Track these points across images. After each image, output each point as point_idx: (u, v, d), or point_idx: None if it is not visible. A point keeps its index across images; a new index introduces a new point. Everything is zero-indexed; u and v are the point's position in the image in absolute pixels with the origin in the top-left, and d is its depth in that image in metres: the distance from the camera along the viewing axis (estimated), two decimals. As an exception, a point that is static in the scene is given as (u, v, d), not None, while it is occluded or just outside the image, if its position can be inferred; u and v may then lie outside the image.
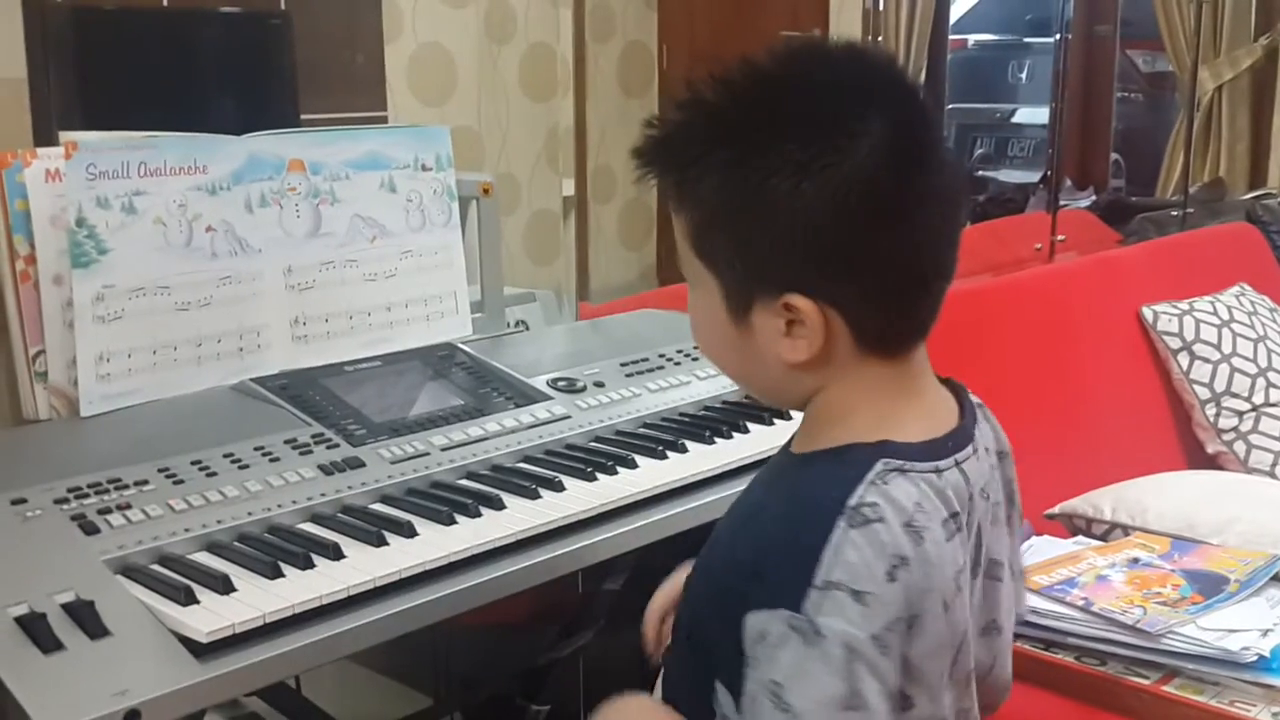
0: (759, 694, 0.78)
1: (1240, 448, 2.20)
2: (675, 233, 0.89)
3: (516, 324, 1.69)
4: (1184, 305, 2.29)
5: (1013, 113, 5.48)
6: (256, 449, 1.18)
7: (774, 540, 0.80)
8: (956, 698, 0.88)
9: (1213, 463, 2.21)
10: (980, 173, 5.27)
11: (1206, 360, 2.23)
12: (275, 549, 1.05)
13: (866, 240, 0.81)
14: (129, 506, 1.07)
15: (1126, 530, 1.79)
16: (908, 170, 0.81)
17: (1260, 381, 2.24)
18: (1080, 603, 1.48)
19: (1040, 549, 1.68)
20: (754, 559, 0.81)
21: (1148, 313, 2.27)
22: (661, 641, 1.04)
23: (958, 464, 0.86)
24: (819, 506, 0.79)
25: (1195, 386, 2.23)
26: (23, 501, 1.04)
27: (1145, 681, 1.40)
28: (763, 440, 1.37)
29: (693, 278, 0.90)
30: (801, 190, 0.79)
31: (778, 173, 0.80)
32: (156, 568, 1.02)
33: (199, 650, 0.92)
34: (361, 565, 1.04)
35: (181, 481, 1.12)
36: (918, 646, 0.81)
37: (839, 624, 0.76)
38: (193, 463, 1.14)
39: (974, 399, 0.95)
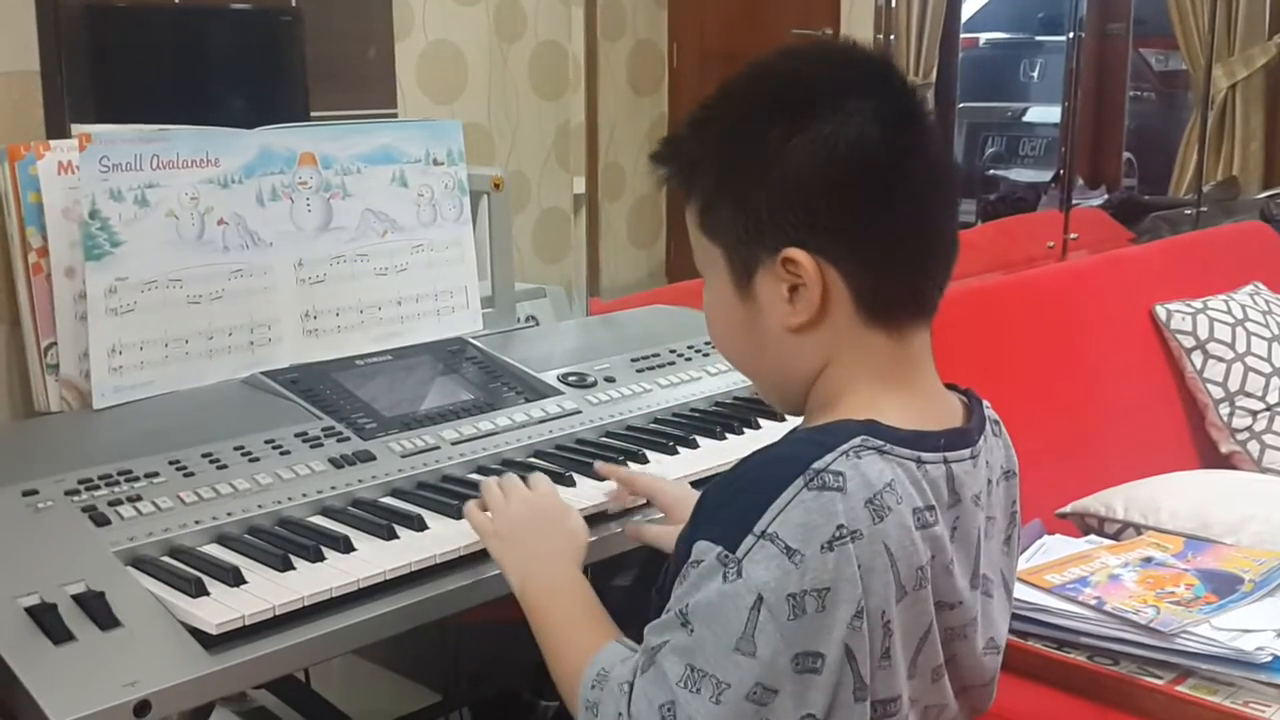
0: (675, 610, 0.83)
1: (1254, 447, 2.19)
2: (688, 226, 0.93)
3: (527, 319, 1.69)
4: (1198, 304, 2.28)
5: (1024, 111, 5.46)
6: (267, 442, 1.18)
7: (739, 485, 0.84)
8: (921, 690, 0.89)
9: (1226, 462, 2.20)
10: (992, 171, 5.25)
11: (1220, 359, 2.22)
12: (285, 542, 1.05)
13: (856, 195, 0.85)
14: (140, 498, 1.07)
15: (1139, 529, 1.78)
16: (893, 135, 0.86)
17: (1275, 381, 2.23)
18: (1093, 602, 1.47)
19: (1052, 548, 1.68)
20: (719, 498, 0.85)
21: (1161, 311, 2.26)
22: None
23: (946, 462, 0.87)
24: (787, 463, 0.82)
25: (1209, 386, 2.22)
26: (34, 493, 1.04)
27: (1158, 681, 1.39)
28: (774, 436, 1.35)
29: (704, 264, 0.93)
30: (791, 146, 0.85)
31: (769, 137, 0.86)
32: (167, 559, 1.02)
33: (209, 642, 0.92)
34: (371, 558, 1.04)
35: (192, 474, 1.12)
36: (862, 623, 0.80)
37: (760, 573, 0.79)
38: (203, 455, 1.14)
39: (991, 415, 0.96)
